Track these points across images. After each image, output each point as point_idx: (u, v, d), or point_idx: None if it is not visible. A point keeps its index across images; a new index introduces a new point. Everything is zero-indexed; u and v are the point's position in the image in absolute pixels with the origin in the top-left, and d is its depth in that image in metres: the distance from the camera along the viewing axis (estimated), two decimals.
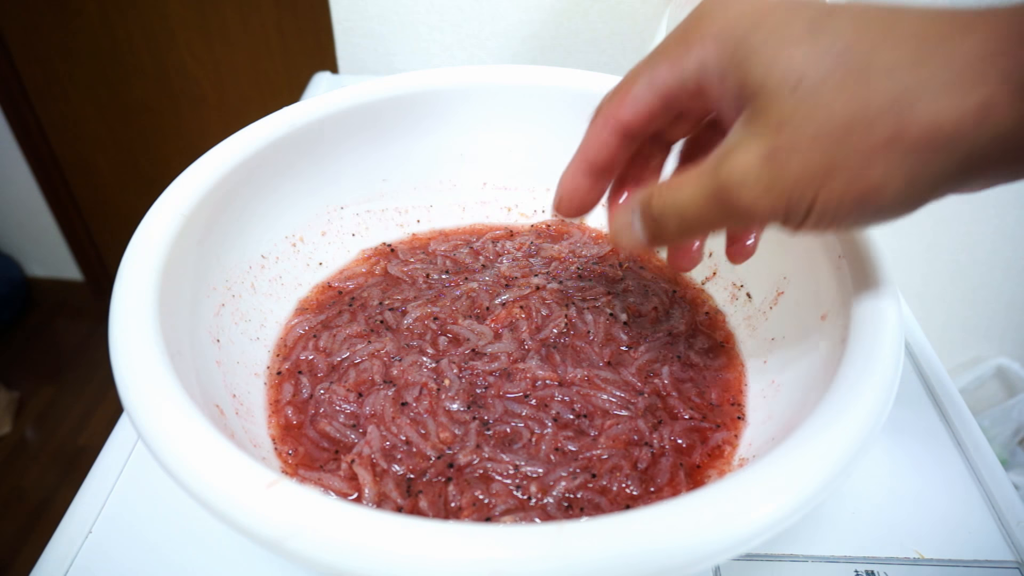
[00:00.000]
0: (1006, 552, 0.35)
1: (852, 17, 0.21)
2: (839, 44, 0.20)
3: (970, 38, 0.19)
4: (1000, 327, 1.00)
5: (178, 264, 0.32)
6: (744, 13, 0.22)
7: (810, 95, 0.20)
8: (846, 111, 0.20)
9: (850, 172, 0.20)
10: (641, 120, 0.26)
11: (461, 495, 0.31)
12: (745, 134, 0.22)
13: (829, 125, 0.20)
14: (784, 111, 0.21)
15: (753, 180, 0.21)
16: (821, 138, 0.20)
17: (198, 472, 0.23)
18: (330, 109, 0.41)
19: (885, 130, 0.20)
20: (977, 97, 0.19)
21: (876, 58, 0.20)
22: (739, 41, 0.22)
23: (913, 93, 0.19)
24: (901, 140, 0.19)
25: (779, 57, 0.21)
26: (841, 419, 0.24)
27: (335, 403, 0.35)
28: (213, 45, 1.22)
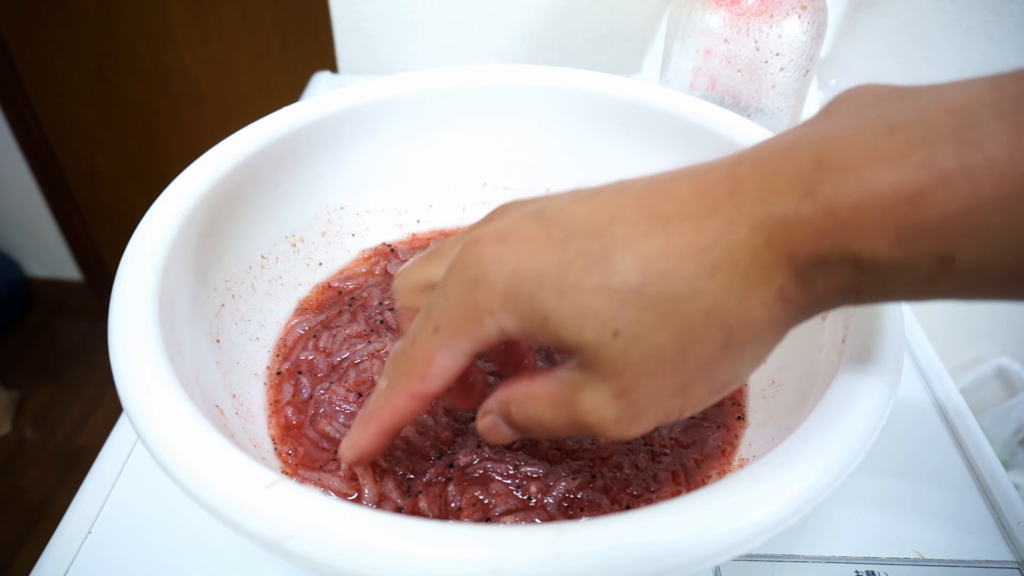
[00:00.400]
0: (1006, 552, 0.35)
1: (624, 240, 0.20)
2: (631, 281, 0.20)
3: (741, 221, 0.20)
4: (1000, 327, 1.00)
5: (178, 264, 0.32)
6: (518, 271, 0.21)
7: (632, 338, 0.20)
8: (672, 340, 0.20)
9: (704, 381, 0.21)
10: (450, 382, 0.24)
11: (461, 495, 0.31)
12: (585, 376, 0.22)
13: (664, 356, 0.20)
14: (615, 357, 0.20)
15: (614, 420, 0.22)
16: (661, 368, 0.21)
17: (198, 472, 0.23)
18: (330, 109, 0.41)
19: (715, 343, 0.20)
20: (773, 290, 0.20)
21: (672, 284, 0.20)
22: (531, 306, 0.21)
23: (722, 308, 0.20)
24: (731, 344, 0.21)
25: (583, 314, 0.20)
26: (841, 419, 0.24)
27: (335, 403, 0.35)
28: (212, 45, 1.22)
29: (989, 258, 0.18)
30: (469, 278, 0.22)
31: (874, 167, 0.18)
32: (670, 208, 0.20)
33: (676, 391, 0.21)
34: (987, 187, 0.17)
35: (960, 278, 0.18)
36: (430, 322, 0.23)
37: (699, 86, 0.51)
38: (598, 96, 0.44)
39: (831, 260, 0.19)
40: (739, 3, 0.47)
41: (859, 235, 0.18)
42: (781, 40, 0.47)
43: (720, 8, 0.48)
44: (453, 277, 0.23)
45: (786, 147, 0.20)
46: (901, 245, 0.18)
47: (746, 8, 0.47)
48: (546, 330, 0.21)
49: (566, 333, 0.21)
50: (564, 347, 0.21)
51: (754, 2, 0.47)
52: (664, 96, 0.43)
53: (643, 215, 0.21)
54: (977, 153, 0.17)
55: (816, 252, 0.19)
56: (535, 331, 0.21)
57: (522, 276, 0.21)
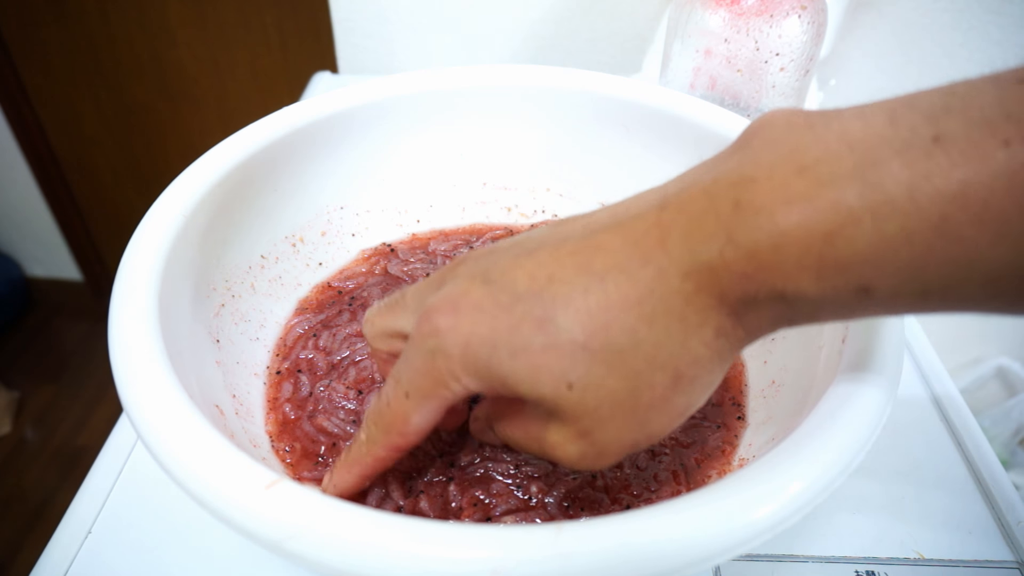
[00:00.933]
0: (1006, 552, 0.35)
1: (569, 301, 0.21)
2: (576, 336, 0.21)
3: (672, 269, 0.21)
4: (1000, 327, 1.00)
5: (178, 264, 0.32)
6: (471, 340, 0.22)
7: (585, 387, 0.21)
8: (624, 388, 0.22)
9: (660, 414, 0.22)
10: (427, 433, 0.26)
11: (462, 495, 0.31)
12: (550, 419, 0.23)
13: (619, 399, 0.22)
14: (572, 405, 0.22)
15: (578, 456, 0.23)
16: (619, 410, 0.22)
17: (198, 472, 0.23)
18: (330, 109, 0.41)
19: (664, 383, 0.22)
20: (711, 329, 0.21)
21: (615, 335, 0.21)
22: (490, 372, 0.22)
23: (666, 352, 0.21)
24: (680, 380, 0.22)
25: (537, 371, 0.22)
26: (841, 419, 0.24)
27: (335, 400, 0.35)
28: (212, 45, 1.22)
29: (902, 286, 0.19)
30: (428, 349, 0.23)
31: (787, 210, 0.19)
32: (604, 262, 0.22)
33: (635, 427, 0.23)
34: (891, 225, 0.18)
35: (881, 304, 0.19)
36: (400, 387, 0.25)
37: (699, 86, 0.51)
38: (598, 96, 0.44)
39: (760, 298, 0.20)
40: (739, 3, 0.47)
41: (782, 275, 0.20)
42: (781, 40, 0.47)
43: (720, 8, 0.48)
44: (414, 348, 0.24)
45: (705, 191, 0.21)
46: (822, 280, 0.19)
47: (746, 8, 0.47)
48: (507, 388, 0.23)
49: (525, 390, 0.22)
50: (523, 397, 0.23)
51: (754, 2, 0.47)
52: (664, 96, 0.43)
53: (580, 272, 0.22)
54: (878, 193, 0.18)
55: (745, 292, 0.20)
56: (498, 388, 0.23)
57: (476, 344, 0.22)
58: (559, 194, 0.48)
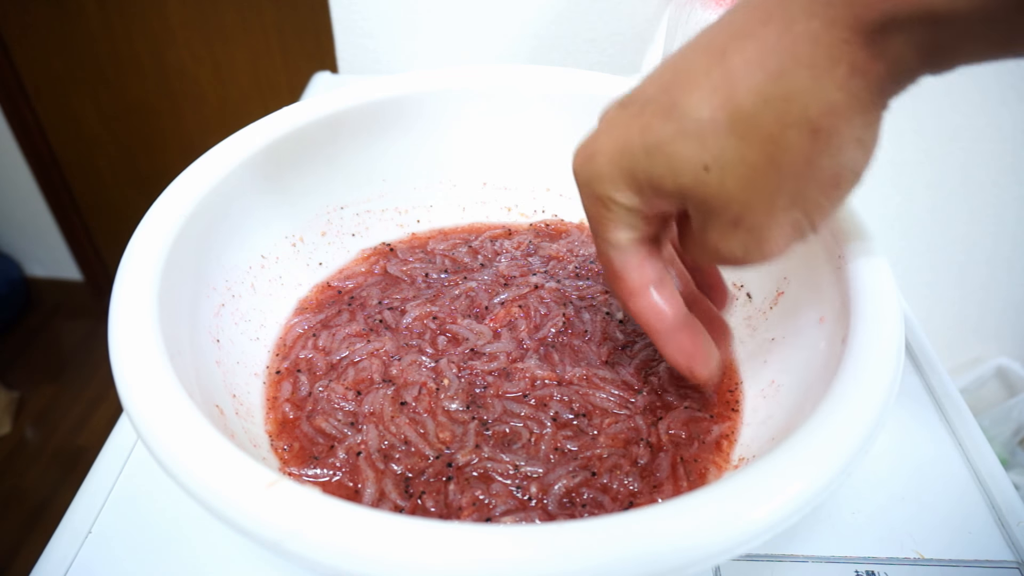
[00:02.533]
0: (1006, 552, 0.35)
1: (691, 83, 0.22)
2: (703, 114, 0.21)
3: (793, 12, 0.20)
4: (1000, 327, 1.00)
5: (178, 264, 0.32)
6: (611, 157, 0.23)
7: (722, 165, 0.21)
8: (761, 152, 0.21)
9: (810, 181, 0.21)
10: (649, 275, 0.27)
11: (461, 495, 0.31)
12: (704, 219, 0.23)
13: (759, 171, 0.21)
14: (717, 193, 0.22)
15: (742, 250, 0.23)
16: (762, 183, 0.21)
17: (198, 472, 0.23)
18: (330, 109, 0.41)
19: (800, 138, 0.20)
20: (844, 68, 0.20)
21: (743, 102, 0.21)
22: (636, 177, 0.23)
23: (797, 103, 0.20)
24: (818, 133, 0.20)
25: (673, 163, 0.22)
26: (841, 419, 0.24)
27: (333, 401, 0.35)
28: (213, 45, 1.21)
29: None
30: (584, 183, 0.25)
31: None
32: (725, 37, 0.21)
33: (788, 202, 0.21)
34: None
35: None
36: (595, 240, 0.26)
37: None
38: (598, 96, 0.44)
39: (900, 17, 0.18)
40: None
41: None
42: None
43: (720, 8, 0.48)
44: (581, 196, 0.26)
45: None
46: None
47: None
48: (655, 189, 0.23)
49: (668, 184, 0.22)
50: (675, 197, 0.23)
51: None
52: None
53: (701, 55, 0.21)
54: None
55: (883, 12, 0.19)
56: (649, 193, 0.23)
57: (617, 155, 0.23)
58: (559, 194, 0.48)
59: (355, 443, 0.33)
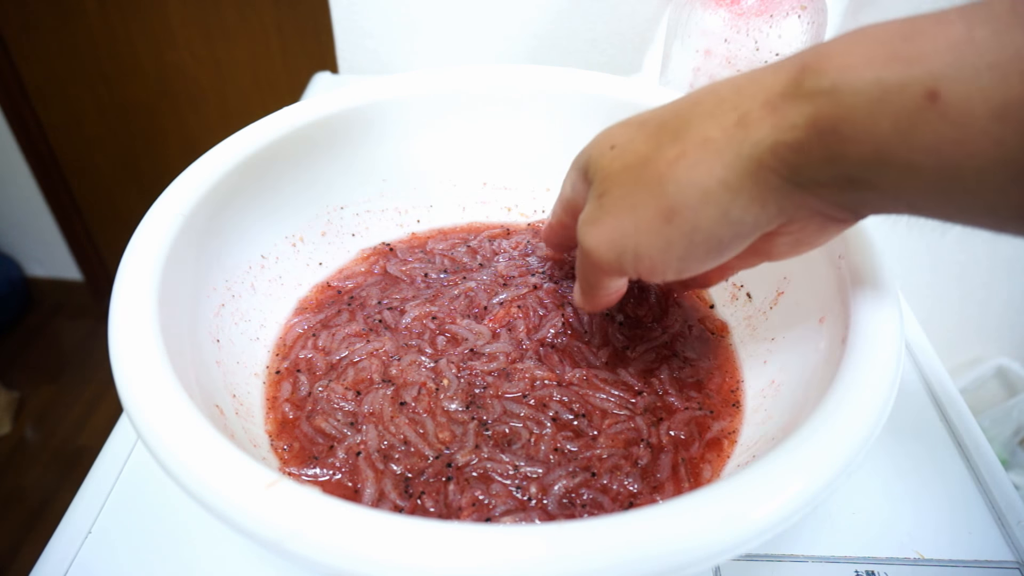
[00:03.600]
0: (1006, 552, 0.35)
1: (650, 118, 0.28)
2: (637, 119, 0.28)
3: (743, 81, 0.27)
4: (1000, 327, 1.00)
5: (178, 264, 0.32)
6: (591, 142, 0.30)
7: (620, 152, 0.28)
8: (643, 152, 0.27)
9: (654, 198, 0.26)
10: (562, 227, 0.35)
11: (461, 495, 0.31)
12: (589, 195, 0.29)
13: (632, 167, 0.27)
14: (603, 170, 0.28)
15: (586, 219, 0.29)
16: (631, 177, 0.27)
17: (198, 472, 0.23)
18: (330, 109, 0.41)
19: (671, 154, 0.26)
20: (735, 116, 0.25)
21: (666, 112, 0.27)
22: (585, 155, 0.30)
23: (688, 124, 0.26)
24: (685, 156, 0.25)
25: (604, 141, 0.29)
26: (841, 419, 0.24)
27: (333, 401, 0.35)
28: (213, 45, 1.22)
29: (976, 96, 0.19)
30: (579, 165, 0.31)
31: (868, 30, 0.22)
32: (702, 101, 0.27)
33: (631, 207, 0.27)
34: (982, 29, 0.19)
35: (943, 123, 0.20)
36: None
37: (699, 86, 0.51)
38: (598, 96, 0.44)
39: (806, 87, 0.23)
40: (739, 3, 0.47)
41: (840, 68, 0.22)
42: (781, 40, 0.47)
43: (720, 8, 0.48)
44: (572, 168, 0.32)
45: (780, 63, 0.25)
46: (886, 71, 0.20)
47: (746, 8, 0.47)
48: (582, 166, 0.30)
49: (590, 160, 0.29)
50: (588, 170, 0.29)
51: (754, 2, 0.47)
52: (664, 96, 0.43)
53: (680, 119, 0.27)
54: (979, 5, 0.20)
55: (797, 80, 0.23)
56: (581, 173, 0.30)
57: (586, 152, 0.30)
58: None
59: (355, 443, 0.33)
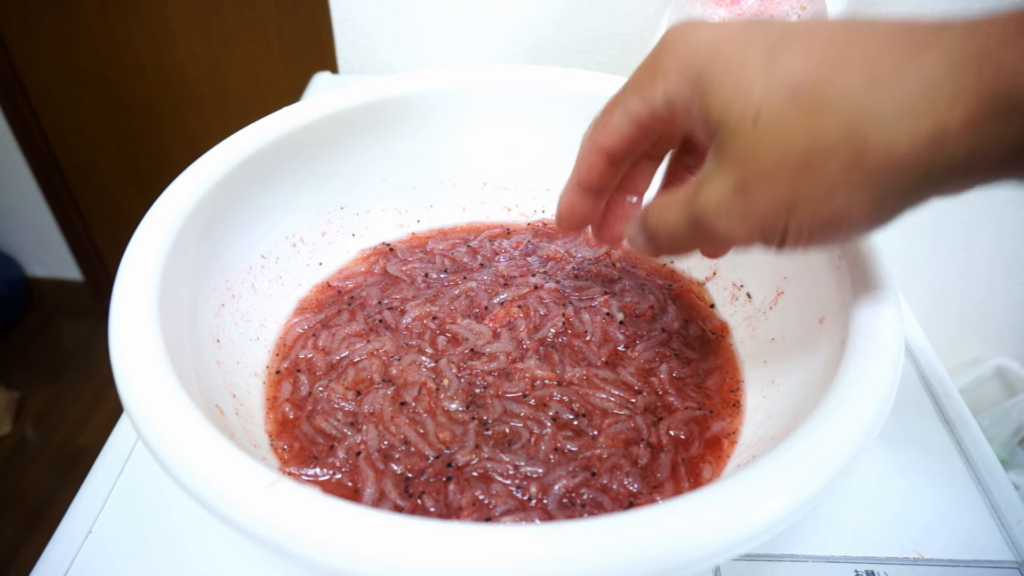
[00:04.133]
0: (1006, 552, 0.35)
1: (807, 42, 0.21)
2: (795, 74, 0.20)
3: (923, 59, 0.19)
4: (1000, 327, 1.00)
5: (178, 264, 0.32)
6: (703, 42, 0.23)
7: (769, 128, 0.21)
8: (803, 143, 0.20)
9: (815, 201, 0.21)
10: (622, 146, 0.27)
11: (461, 495, 0.31)
12: (715, 165, 0.23)
13: (790, 157, 0.20)
14: (747, 145, 0.21)
15: (726, 211, 0.23)
16: (784, 170, 0.21)
17: (198, 472, 0.23)
18: (330, 109, 0.41)
19: (842, 159, 0.20)
20: (929, 124, 0.19)
21: (829, 88, 0.20)
22: (700, 72, 0.22)
23: (867, 122, 0.19)
24: (858, 168, 0.20)
25: (738, 91, 0.21)
26: (841, 419, 0.24)
27: (333, 401, 0.35)
28: (213, 45, 1.21)
29: None
30: (664, 41, 0.24)
31: None
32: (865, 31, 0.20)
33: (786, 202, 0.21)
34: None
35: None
36: (624, 85, 0.26)
37: None
38: (598, 96, 0.44)
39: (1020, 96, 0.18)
40: (739, 3, 0.47)
41: None
42: None
43: (720, 8, 0.48)
44: (657, 44, 0.25)
45: None
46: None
47: (746, 8, 0.47)
48: (704, 99, 0.22)
49: (715, 107, 0.22)
50: (709, 122, 0.22)
51: (754, 2, 0.47)
52: None
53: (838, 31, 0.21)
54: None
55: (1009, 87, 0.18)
56: (692, 101, 0.23)
57: (703, 47, 0.22)
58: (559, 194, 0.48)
59: (355, 443, 0.33)
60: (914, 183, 0.20)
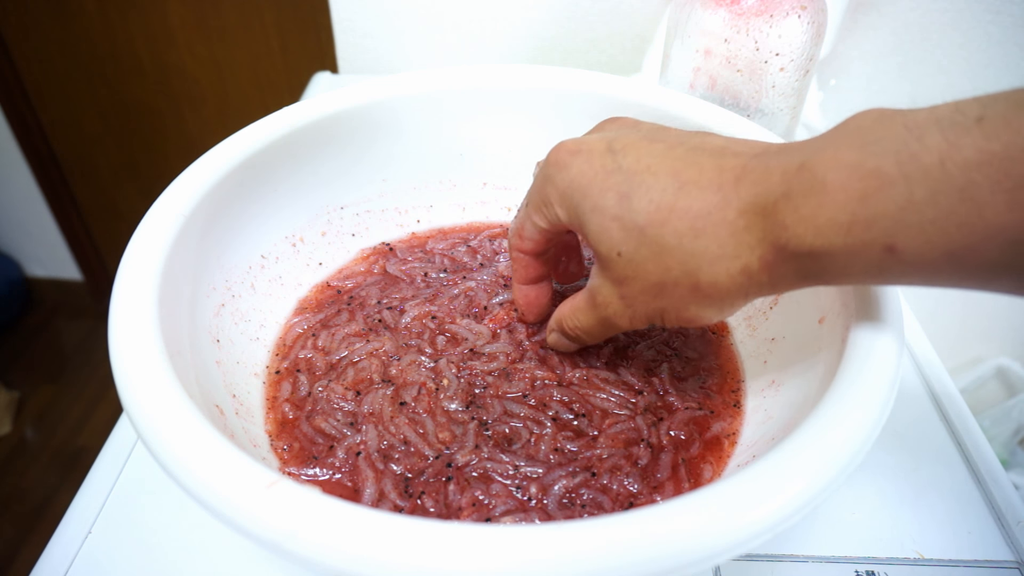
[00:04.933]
0: (1006, 552, 0.35)
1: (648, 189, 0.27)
2: (640, 218, 0.27)
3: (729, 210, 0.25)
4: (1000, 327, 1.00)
5: (178, 264, 0.32)
6: (573, 182, 0.29)
7: (630, 262, 0.28)
8: (656, 277, 0.27)
9: (675, 309, 0.28)
10: (539, 247, 0.34)
11: (461, 495, 0.31)
12: (602, 281, 0.30)
13: (649, 285, 0.28)
14: (619, 272, 0.28)
15: (619, 314, 0.30)
16: (647, 293, 0.28)
17: (198, 472, 0.23)
18: (330, 109, 0.41)
19: (685, 287, 0.27)
20: (739, 265, 0.25)
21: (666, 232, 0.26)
22: (576, 212, 0.29)
23: (694, 263, 0.26)
24: (696, 293, 0.27)
25: (602, 231, 0.28)
26: (841, 419, 0.24)
27: (333, 401, 0.35)
28: (213, 45, 1.22)
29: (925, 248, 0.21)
30: (545, 175, 0.31)
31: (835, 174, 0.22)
32: (691, 176, 0.26)
33: (656, 310, 0.29)
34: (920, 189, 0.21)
35: (906, 266, 0.22)
36: (526, 200, 0.34)
37: (699, 86, 0.51)
38: (598, 96, 0.44)
39: (790, 249, 0.24)
40: (739, 3, 0.47)
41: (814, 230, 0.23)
42: (781, 40, 0.47)
43: (720, 8, 0.48)
44: (540, 170, 0.32)
45: (790, 155, 0.24)
46: (851, 236, 0.22)
47: (746, 8, 0.47)
48: (581, 231, 0.30)
49: (591, 240, 0.29)
50: (589, 243, 0.29)
51: (754, 2, 0.47)
52: (664, 96, 0.43)
53: (669, 175, 0.27)
54: (914, 163, 0.21)
55: (780, 240, 0.24)
56: (576, 227, 0.30)
57: (574, 187, 0.29)
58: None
59: (355, 443, 0.33)
60: (740, 298, 0.27)
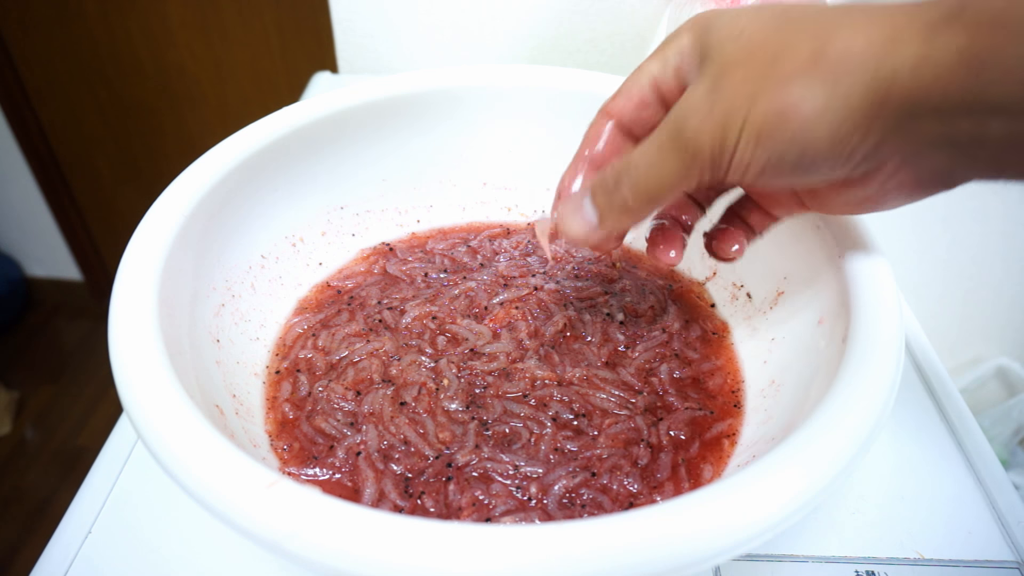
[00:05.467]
0: (1006, 552, 0.35)
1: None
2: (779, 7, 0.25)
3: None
4: (1000, 327, 1.00)
5: (178, 264, 0.32)
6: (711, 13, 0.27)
7: (749, 39, 0.24)
8: (774, 46, 0.24)
9: (772, 92, 0.23)
10: (630, 108, 0.29)
11: (461, 495, 0.31)
12: (695, 80, 0.26)
13: (761, 53, 0.24)
14: (726, 55, 0.25)
15: (695, 109, 0.25)
16: (753, 62, 0.24)
17: (198, 473, 0.23)
18: (330, 109, 0.41)
19: (804, 54, 0.23)
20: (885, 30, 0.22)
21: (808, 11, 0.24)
22: (706, 24, 0.27)
23: (832, 28, 0.23)
24: (816, 63, 0.23)
25: (732, 24, 0.25)
26: (841, 419, 0.24)
27: (333, 401, 0.35)
28: (213, 45, 1.21)
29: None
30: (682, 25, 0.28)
31: None
32: None
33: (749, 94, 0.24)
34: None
35: None
36: None
37: None
38: (598, 96, 0.44)
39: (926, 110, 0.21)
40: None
41: None
42: None
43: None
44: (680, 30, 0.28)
45: None
46: None
47: None
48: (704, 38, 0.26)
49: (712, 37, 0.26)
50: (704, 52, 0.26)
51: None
52: None
53: None
54: None
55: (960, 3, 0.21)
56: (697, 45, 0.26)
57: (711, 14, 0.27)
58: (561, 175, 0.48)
59: (355, 443, 0.33)
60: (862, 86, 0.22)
